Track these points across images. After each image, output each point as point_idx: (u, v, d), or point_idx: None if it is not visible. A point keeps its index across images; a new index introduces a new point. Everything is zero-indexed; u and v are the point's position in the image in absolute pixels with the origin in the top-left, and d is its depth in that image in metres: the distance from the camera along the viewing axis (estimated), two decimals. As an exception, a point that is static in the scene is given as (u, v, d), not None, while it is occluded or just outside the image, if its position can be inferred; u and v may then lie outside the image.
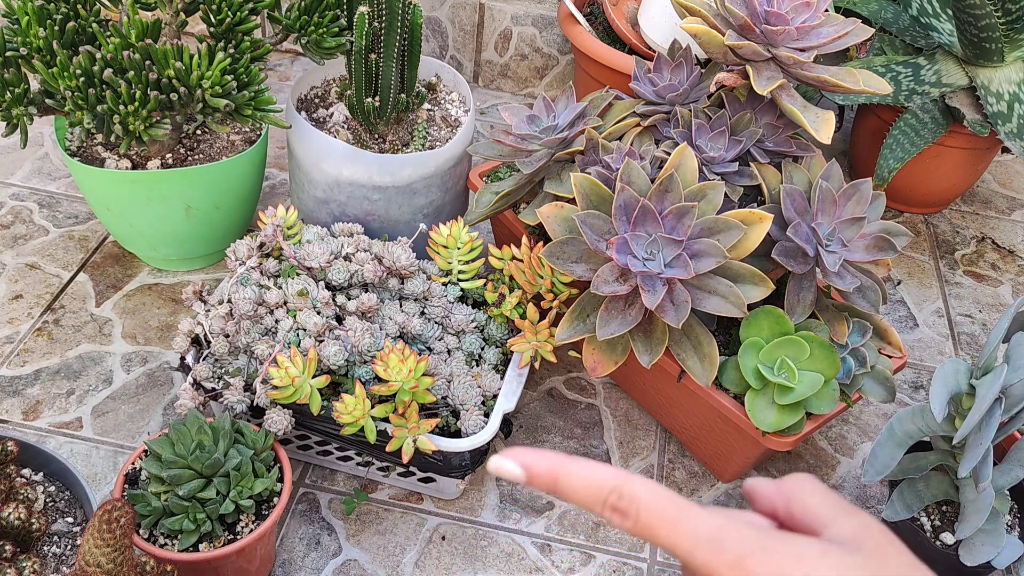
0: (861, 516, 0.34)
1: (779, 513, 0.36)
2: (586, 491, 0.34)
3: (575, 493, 0.34)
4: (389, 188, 1.09)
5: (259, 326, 0.92)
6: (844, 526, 0.34)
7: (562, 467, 0.34)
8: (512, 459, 0.35)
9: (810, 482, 0.36)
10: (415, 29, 1.09)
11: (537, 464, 0.34)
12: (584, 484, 0.34)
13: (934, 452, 0.90)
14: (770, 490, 0.36)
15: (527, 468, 0.34)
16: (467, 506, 0.98)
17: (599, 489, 0.34)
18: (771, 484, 0.37)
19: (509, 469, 0.35)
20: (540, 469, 0.34)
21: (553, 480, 0.34)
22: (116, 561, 0.61)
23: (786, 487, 0.36)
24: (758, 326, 0.89)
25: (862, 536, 0.33)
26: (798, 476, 0.37)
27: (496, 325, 0.98)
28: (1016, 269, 1.42)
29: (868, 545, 0.33)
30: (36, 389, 1.05)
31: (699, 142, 0.93)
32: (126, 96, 0.92)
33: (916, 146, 1.29)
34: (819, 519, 0.34)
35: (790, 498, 0.36)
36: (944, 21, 1.36)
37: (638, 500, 0.33)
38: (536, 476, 0.35)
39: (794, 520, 0.35)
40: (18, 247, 1.23)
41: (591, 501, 0.34)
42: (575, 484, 0.34)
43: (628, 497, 0.33)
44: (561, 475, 0.34)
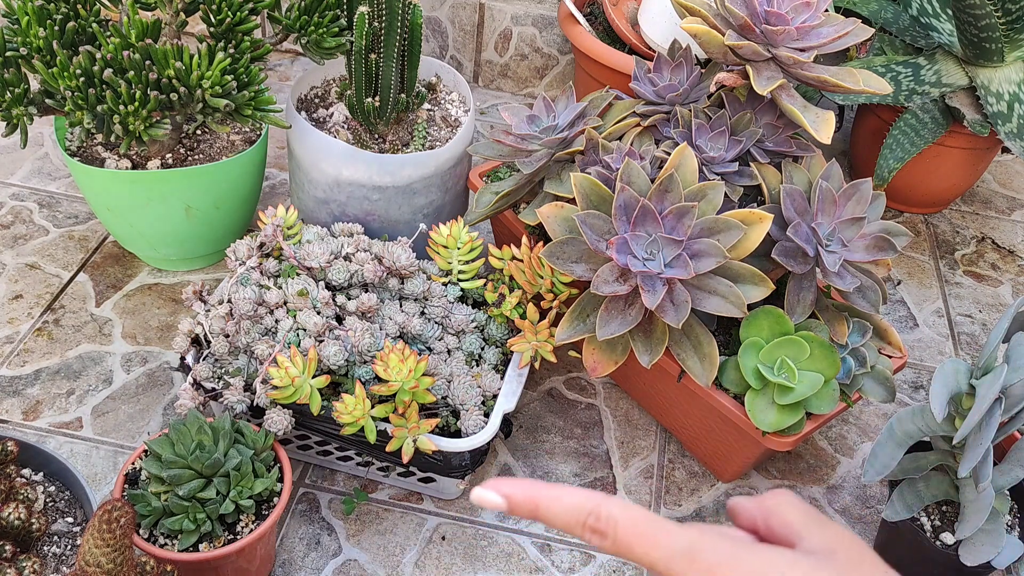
0: (835, 528, 0.35)
1: (759, 528, 0.37)
2: (566, 515, 0.35)
3: (556, 517, 0.35)
4: (389, 188, 1.09)
5: (259, 326, 0.92)
6: (817, 538, 0.35)
7: (541, 494, 0.36)
8: (493, 490, 0.36)
9: (788, 497, 0.37)
10: (415, 29, 1.09)
11: (516, 493, 0.36)
12: (563, 508, 0.35)
13: (934, 452, 0.90)
14: (750, 506, 0.38)
15: (508, 498, 0.36)
16: (467, 506, 0.98)
17: (577, 512, 0.35)
18: (751, 500, 0.38)
19: (491, 499, 0.36)
20: (520, 498, 0.36)
21: (534, 507, 0.36)
22: (116, 561, 0.61)
23: (766, 503, 0.37)
24: (758, 326, 0.89)
25: (835, 547, 0.34)
26: (777, 492, 0.38)
27: (496, 325, 0.98)
28: (1016, 269, 1.42)
29: (840, 556, 0.34)
30: (36, 389, 1.05)
31: (699, 142, 0.93)
32: (126, 96, 0.92)
33: (916, 146, 1.29)
34: (795, 532, 0.35)
35: (769, 513, 0.37)
36: (944, 21, 1.36)
37: (615, 520, 0.34)
38: (517, 505, 0.36)
39: (773, 534, 0.36)
40: (18, 247, 1.23)
41: (571, 524, 0.35)
42: (555, 509, 0.35)
43: (605, 518, 0.34)
44: (541, 502, 0.35)
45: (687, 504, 1.01)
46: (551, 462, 1.04)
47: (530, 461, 1.03)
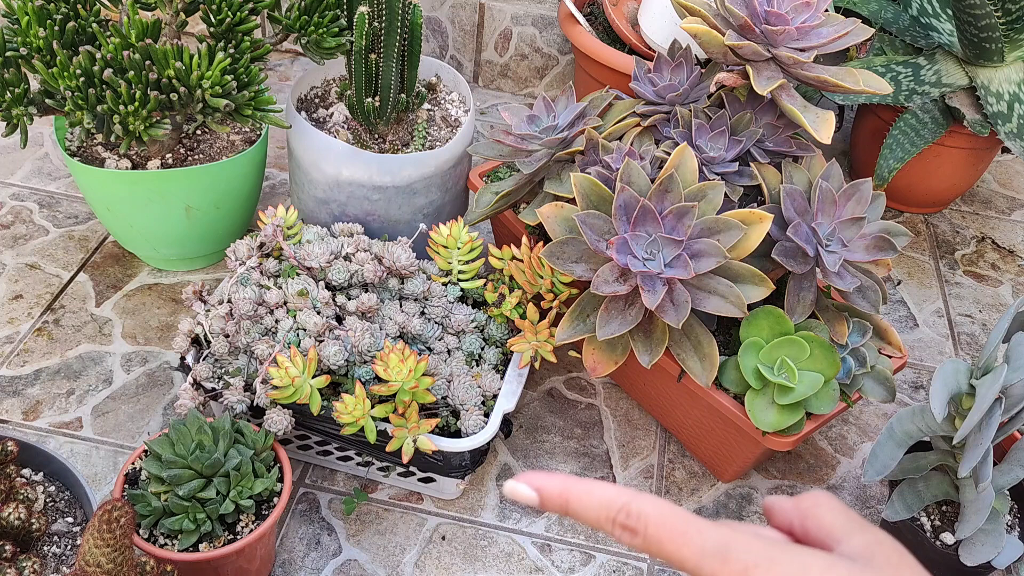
0: (875, 532, 0.34)
1: (795, 529, 0.36)
2: (596, 510, 0.35)
3: (586, 512, 0.35)
4: (389, 188, 1.09)
5: (259, 326, 0.92)
6: (856, 542, 0.34)
7: (572, 489, 0.35)
8: (526, 483, 0.36)
9: (827, 498, 0.36)
10: (415, 29, 1.09)
11: (548, 487, 0.35)
12: (594, 503, 0.35)
13: (934, 452, 0.90)
14: (787, 506, 0.37)
15: (540, 491, 0.36)
16: (467, 506, 0.98)
17: (608, 508, 0.34)
18: (788, 501, 0.37)
19: (524, 492, 0.36)
20: (551, 492, 0.35)
21: (564, 502, 0.35)
22: (116, 561, 0.61)
23: (803, 503, 0.37)
24: (758, 326, 0.89)
25: (873, 551, 0.33)
26: (815, 493, 0.37)
27: (496, 325, 0.98)
28: (1016, 269, 1.42)
29: (879, 560, 0.33)
30: (36, 389, 1.05)
31: (699, 142, 0.93)
32: (126, 96, 0.92)
33: (916, 146, 1.29)
34: (833, 535, 0.35)
35: (806, 514, 0.36)
36: (944, 21, 1.36)
37: (646, 517, 0.34)
38: (548, 499, 0.36)
39: (809, 536, 0.35)
40: (18, 247, 1.23)
41: (601, 520, 0.35)
42: (585, 504, 0.35)
43: (636, 514, 0.34)
44: (572, 496, 0.35)
45: (687, 504, 1.01)
46: (551, 462, 1.03)
47: (530, 461, 1.03)
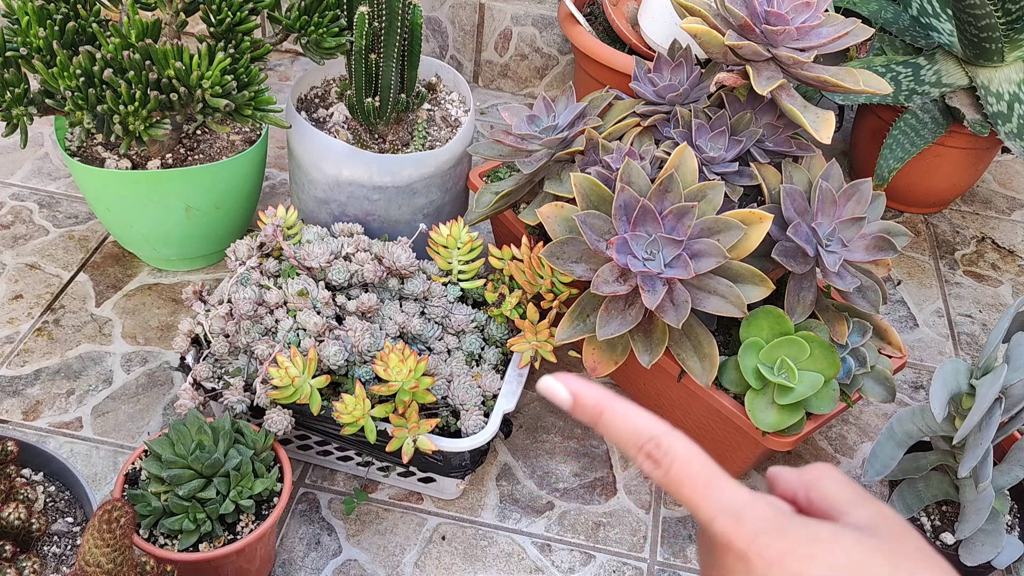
0: (879, 505, 0.35)
1: (799, 499, 0.37)
2: (627, 432, 0.35)
3: (616, 432, 0.35)
4: (389, 188, 1.09)
5: (259, 326, 0.92)
6: (861, 513, 0.34)
7: (609, 404, 0.35)
8: (564, 383, 0.36)
9: (831, 471, 0.37)
10: (415, 29, 1.09)
11: (586, 395, 0.35)
12: (626, 425, 0.35)
13: (934, 452, 0.90)
14: (791, 477, 0.37)
15: (576, 396, 0.35)
16: (467, 506, 0.98)
17: (639, 434, 0.34)
18: (793, 471, 0.38)
19: (557, 392, 0.35)
20: (588, 400, 0.35)
21: (598, 414, 0.35)
22: (116, 561, 0.61)
23: (808, 475, 0.37)
24: (758, 326, 0.89)
25: (878, 523, 0.34)
26: (820, 465, 0.37)
27: (496, 325, 0.98)
28: (1016, 269, 1.42)
29: (883, 531, 0.33)
30: (36, 389, 1.05)
31: (699, 142, 0.93)
32: (126, 96, 0.92)
33: (916, 146, 1.29)
34: (837, 507, 0.35)
35: (810, 485, 0.36)
36: (944, 21, 1.36)
37: (673, 454, 0.34)
38: (583, 407, 0.35)
39: (813, 507, 0.36)
40: (18, 247, 1.23)
41: (628, 443, 0.35)
42: (619, 423, 0.35)
43: (665, 449, 0.34)
44: (607, 411, 0.35)
45: (687, 504, 1.01)
46: (551, 462, 1.04)
47: (530, 461, 1.03)
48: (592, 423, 0.35)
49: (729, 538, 0.33)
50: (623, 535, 0.97)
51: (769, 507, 0.33)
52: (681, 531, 0.98)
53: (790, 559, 0.32)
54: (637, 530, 0.97)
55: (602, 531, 0.97)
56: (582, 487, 1.01)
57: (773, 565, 0.32)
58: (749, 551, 0.32)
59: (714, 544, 0.34)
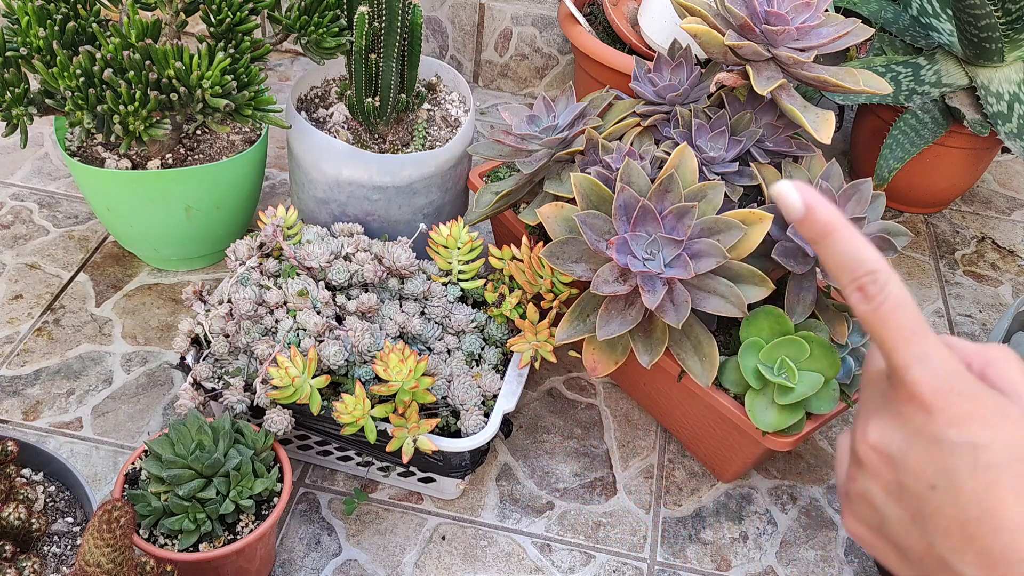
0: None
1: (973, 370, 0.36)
2: (847, 258, 0.35)
3: (836, 255, 0.35)
4: (389, 188, 1.09)
5: (259, 326, 0.92)
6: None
7: (840, 226, 0.35)
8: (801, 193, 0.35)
9: (1012, 354, 0.37)
10: (415, 29, 1.09)
11: (820, 210, 0.35)
12: (850, 251, 0.35)
13: (934, 452, 0.90)
14: (970, 349, 0.37)
15: (809, 208, 0.35)
16: (467, 506, 0.98)
17: (860, 264, 0.34)
18: (971, 344, 0.38)
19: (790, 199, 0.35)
20: (820, 215, 0.35)
21: (825, 233, 0.35)
22: (116, 561, 0.61)
23: (988, 352, 0.37)
24: (758, 326, 0.89)
25: None
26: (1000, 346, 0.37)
27: (496, 325, 0.98)
28: (1016, 269, 1.42)
29: None
30: (36, 389, 1.05)
31: (699, 142, 0.93)
32: (126, 96, 0.92)
33: (916, 146, 1.29)
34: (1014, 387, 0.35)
35: (988, 362, 0.36)
36: (944, 21, 1.36)
37: (887, 294, 0.34)
38: (813, 221, 0.35)
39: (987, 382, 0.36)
40: (18, 247, 1.23)
41: (845, 269, 0.35)
42: (842, 247, 0.35)
43: (881, 285, 0.34)
44: (835, 232, 0.35)
45: (687, 504, 1.01)
46: (551, 462, 1.04)
47: (530, 461, 1.03)
48: (816, 240, 0.35)
49: (919, 388, 0.33)
50: (623, 535, 0.97)
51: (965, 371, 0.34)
52: (681, 531, 0.98)
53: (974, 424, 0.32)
54: (637, 530, 0.97)
55: (602, 531, 0.97)
56: (582, 487, 1.01)
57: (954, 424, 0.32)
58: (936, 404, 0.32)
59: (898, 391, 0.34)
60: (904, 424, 0.34)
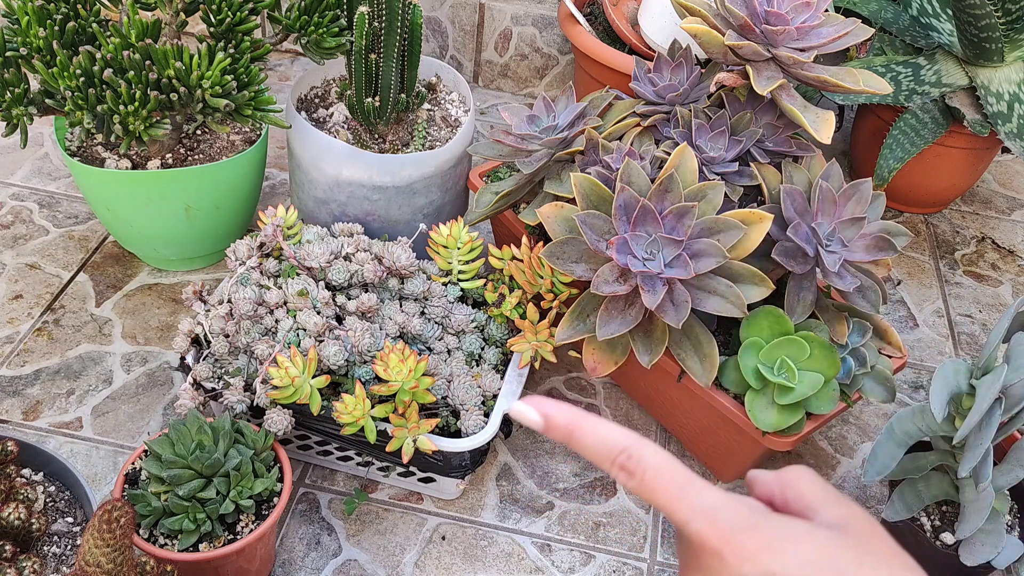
0: (851, 505, 0.36)
1: (775, 500, 0.38)
2: (599, 447, 0.36)
3: (588, 448, 0.36)
4: (389, 188, 1.09)
5: (259, 326, 0.92)
6: (832, 512, 0.35)
7: (579, 422, 0.37)
8: (534, 407, 0.37)
9: (806, 472, 0.38)
10: (415, 29, 1.09)
11: (556, 416, 0.37)
12: (598, 440, 0.36)
13: (934, 452, 0.90)
14: (769, 478, 0.39)
15: (547, 418, 0.37)
16: (467, 506, 0.98)
17: (611, 448, 0.36)
18: (771, 473, 0.39)
19: (529, 416, 0.37)
20: (559, 421, 0.37)
21: (569, 433, 0.37)
22: (116, 561, 0.61)
23: (784, 476, 0.38)
24: (758, 326, 0.89)
25: (848, 521, 0.35)
26: (796, 467, 0.39)
27: (496, 325, 0.98)
28: (1016, 269, 1.42)
29: (853, 529, 0.34)
30: (36, 389, 1.05)
31: (699, 142, 0.93)
32: (126, 96, 0.92)
33: (916, 146, 1.29)
34: (811, 505, 0.36)
35: (786, 485, 0.38)
36: (944, 21, 1.36)
37: (646, 463, 0.35)
38: (554, 427, 0.37)
39: (788, 506, 0.37)
40: (18, 247, 1.23)
41: (601, 457, 0.36)
42: (589, 440, 0.36)
43: (636, 459, 0.35)
44: (577, 429, 0.36)
45: (687, 504, 1.01)
46: (551, 462, 1.04)
47: (530, 461, 1.03)
48: (565, 441, 0.37)
49: (704, 537, 0.34)
50: (623, 535, 0.97)
51: (742, 506, 0.35)
52: (681, 531, 0.98)
53: (763, 554, 0.33)
54: (637, 530, 0.97)
55: (602, 531, 0.97)
56: (582, 487, 1.01)
57: (746, 560, 0.33)
58: (723, 548, 0.33)
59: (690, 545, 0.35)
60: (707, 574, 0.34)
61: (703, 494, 0.34)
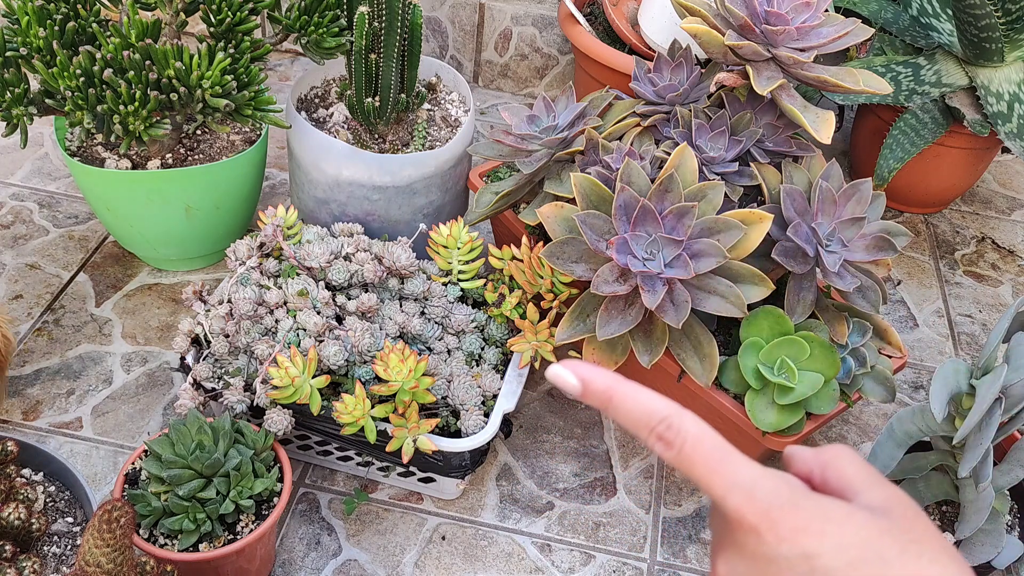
0: (894, 489, 0.35)
1: (814, 478, 0.36)
2: (638, 415, 0.35)
3: (626, 415, 0.35)
4: (389, 188, 1.09)
5: (259, 326, 0.92)
6: (875, 494, 0.34)
7: (619, 388, 0.35)
8: (572, 370, 0.36)
9: (847, 451, 0.37)
10: (415, 29, 1.09)
11: (595, 380, 0.35)
12: (636, 407, 0.35)
13: (934, 452, 0.90)
14: (807, 455, 0.37)
15: (585, 382, 0.35)
16: (467, 506, 0.98)
17: (651, 416, 0.35)
18: (809, 450, 0.38)
19: (567, 380, 0.36)
20: (597, 385, 0.35)
21: (608, 399, 0.35)
22: (116, 561, 0.61)
23: (824, 455, 0.37)
24: (758, 326, 0.89)
25: (891, 505, 0.34)
26: (836, 445, 0.37)
27: (496, 325, 0.98)
28: (1016, 269, 1.42)
29: (895, 513, 0.33)
30: (36, 389, 1.05)
31: (699, 142, 0.93)
32: (126, 96, 0.92)
33: (916, 146, 1.29)
34: (852, 486, 0.35)
35: (827, 464, 0.36)
36: (944, 21, 1.36)
37: (685, 434, 0.34)
38: (592, 392, 0.35)
39: (828, 486, 0.36)
40: (18, 247, 1.23)
41: (639, 425, 0.35)
42: (628, 406, 0.35)
43: (676, 429, 0.34)
44: (616, 395, 0.35)
45: (687, 504, 1.01)
46: (551, 462, 1.04)
47: (530, 461, 1.03)
48: (603, 407, 0.35)
49: (741, 513, 0.33)
50: (623, 535, 0.97)
51: (781, 482, 0.33)
52: (681, 531, 0.98)
53: (802, 535, 0.32)
54: (637, 530, 0.97)
55: (602, 531, 0.97)
56: (582, 487, 1.01)
57: (784, 540, 0.32)
58: (761, 525, 0.32)
59: (726, 520, 0.34)
60: (742, 551, 0.33)
61: (743, 468, 0.33)
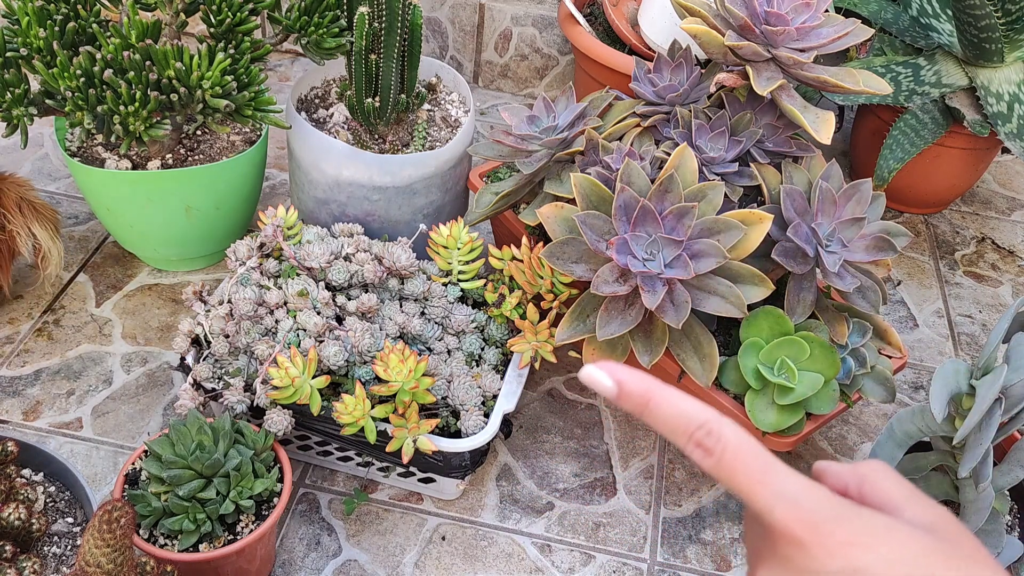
0: (938, 506, 0.34)
1: (851, 492, 0.36)
2: (676, 420, 0.34)
3: (664, 420, 0.34)
4: (389, 188, 1.09)
5: (259, 326, 0.92)
6: (920, 511, 0.34)
7: (656, 392, 0.34)
8: (607, 372, 0.35)
9: (884, 467, 0.36)
10: (415, 29, 1.09)
11: (632, 383, 0.34)
12: (675, 412, 0.34)
13: (934, 452, 0.90)
14: (843, 470, 0.37)
15: (621, 384, 0.34)
16: (467, 506, 0.98)
17: (689, 421, 0.34)
18: (844, 465, 0.37)
19: (602, 382, 0.35)
20: (634, 388, 0.34)
21: (645, 402, 0.34)
22: (116, 561, 0.61)
23: (861, 468, 0.36)
24: (758, 326, 0.89)
25: (937, 523, 0.33)
26: (873, 461, 0.37)
27: (496, 325, 0.98)
28: (1016, 269, 1.42)
29: (942, 531, 0.33)
30: (36, 389, 1.05)
31: (699, 142, 0.93)
32: (126, 96, 0.92)
33: (916, 146, 1.29)
34: (892, 501, 0.34)
35: (864, 479, 0.36)
36: (944, 21, 1.36)
37: (725, 442, 0.33)
38: (628, 395, 0.34)
39: (865, 500, 0.35)
40: (18, 247, 1.23)
41: (677, 431, 0.34)
42: (666, 411, 0.34)
43: (716, 436, 0.33)
44: (654, 399, 0.34)
45: (687, 504, 1.01)
46: (551, 462, 1.04)
47: (530, 461, 1.03)
48: (639, 411, 0.34)
49: (789, 526, 0.32)
50: (623, 535, 0.97)
51: (827, 495, 0.33)
52: (681, 531, 0.98)
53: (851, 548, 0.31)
54: (637, 530, 0.97)
55: (602, 531, 0.97)
56: (582, 487, 1.01)
57: (833, 554, 0.31)
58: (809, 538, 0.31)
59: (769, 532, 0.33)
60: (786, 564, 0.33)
61: (787, 480, 0.32)
